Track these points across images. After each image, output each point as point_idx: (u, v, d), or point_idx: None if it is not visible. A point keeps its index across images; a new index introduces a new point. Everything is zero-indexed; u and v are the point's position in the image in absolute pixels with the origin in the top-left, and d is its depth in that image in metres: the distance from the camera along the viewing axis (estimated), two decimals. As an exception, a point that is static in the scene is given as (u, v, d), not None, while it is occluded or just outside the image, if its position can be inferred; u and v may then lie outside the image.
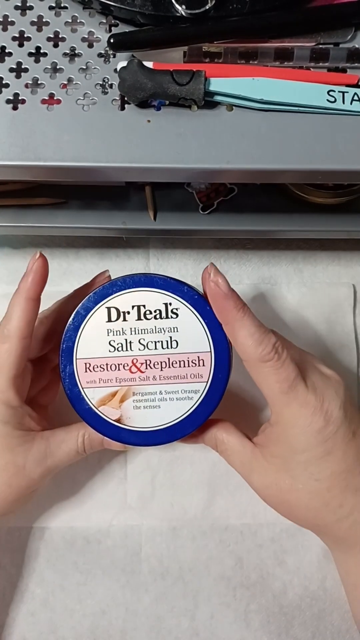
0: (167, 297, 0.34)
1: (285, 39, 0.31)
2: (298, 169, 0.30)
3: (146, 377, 0.34)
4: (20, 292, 0.34)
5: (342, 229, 0.42)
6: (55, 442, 0.36)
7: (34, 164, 0.29)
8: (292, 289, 0.46)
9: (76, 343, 0.34)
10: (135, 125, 0.30)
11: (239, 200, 0.42)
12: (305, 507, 0.33)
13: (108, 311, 0.35)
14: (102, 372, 0.34)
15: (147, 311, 0.34)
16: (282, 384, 0.32)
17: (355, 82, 0.31)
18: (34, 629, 0.41)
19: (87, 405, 0.34)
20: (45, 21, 0.31)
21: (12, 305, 0.34)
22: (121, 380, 0.34)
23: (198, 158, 0.29)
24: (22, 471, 0.35)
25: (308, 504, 0.33)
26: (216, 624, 0.42)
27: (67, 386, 0.34)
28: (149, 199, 0.41)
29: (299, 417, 0.32)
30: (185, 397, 0.34)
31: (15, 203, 0.41)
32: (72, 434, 0.36)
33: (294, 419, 0.32)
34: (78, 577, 0.42)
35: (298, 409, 0.32)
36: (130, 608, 0.42)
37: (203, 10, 0.30)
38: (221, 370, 0.34)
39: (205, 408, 0.34)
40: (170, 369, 0.34)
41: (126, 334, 0.34)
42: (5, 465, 0.35)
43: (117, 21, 0.31)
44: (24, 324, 0.34)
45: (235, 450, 0.36)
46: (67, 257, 0.47)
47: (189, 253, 0.48)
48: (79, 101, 0.30)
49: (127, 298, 0.35)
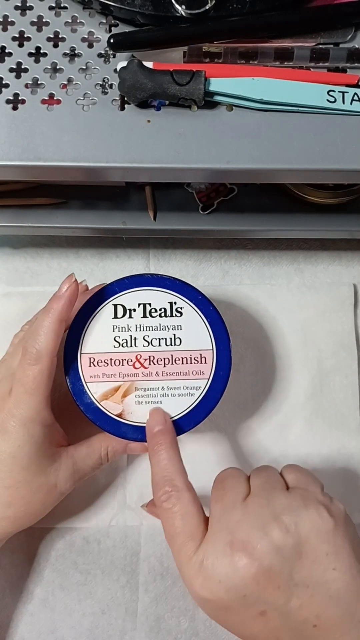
0: (172, 296, 0.35)
1: (285, 39, 0.31)
2: (298, 169, 0.30)
3: (149, 372, 0.35)
4: (52, 313, 0.34)
5: (343, 228, 0.42)
6: (80, 458, 0.37)
7: (34, 164, 0.29)
8: (293, 289, 0.46)
9: (82, 338, 0.35)
10: (135, 125, 0.30)
11: (239, 200, 0.42)
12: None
13: (115, 308, 0.35)
14: (105, 367, 0.35)
15: (152, 309, 0.35)
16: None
17: (355, 82, 0.31)
18: (33, 629, 0.41)
19: (89, 399, 0.35)
20: (45, 21, 0.31)
21: (42, 326, 0.34)
22: (124, 376, 0.35)
23: (198, 158, 0.29)
24: (54, 489, 0.36)
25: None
26: (216, 624, 0.41)
27: (70, 380, 0.35)
28: (149, 199, 0.41)
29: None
30: (186, 394, 0.35)
31: (15, 203, 0.41)
32: (94, 448, 0.37)
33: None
34: (78, 577, 0.42)
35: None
36: (130, 608, 0.42)
37: (203, 10, 0.30)
38: (222, 368, 0.35)
39: (206, 405, 0.35)
40: (173, 365, 0.35)
41: (131, 330, 0.35)
42: (40, 487, 0.36)
43: (117, 21, 0.31)
44: (54, 344, 0.34)
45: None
46: (67, 257, 0.47)
47: (189, 253, 0.48)
48: (79, 101, 0.30)
49: (134, 296, 0.36)
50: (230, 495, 0.31)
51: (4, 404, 0.34)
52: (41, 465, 0.35)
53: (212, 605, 0.30)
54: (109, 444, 0.38)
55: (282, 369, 0.45)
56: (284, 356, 0.45)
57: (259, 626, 0.29)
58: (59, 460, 0.36)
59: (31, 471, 0.35)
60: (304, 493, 0.31)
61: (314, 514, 0.29)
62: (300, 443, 0.44)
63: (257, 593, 0.28)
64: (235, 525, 0.29)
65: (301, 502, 0.30)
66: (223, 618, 0.30)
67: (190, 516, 0.31)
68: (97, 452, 0.37)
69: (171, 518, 0.31)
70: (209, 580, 0.29)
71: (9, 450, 0.34)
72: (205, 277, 0.47)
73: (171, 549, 0.31)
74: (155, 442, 0.33)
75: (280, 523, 0.29)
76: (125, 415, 0.35)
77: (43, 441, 0.35)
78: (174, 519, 0.31)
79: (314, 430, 0.44)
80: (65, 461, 0.37)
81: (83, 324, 0.35)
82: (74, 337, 0.35)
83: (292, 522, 0.29)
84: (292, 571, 0.28)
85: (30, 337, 0.34)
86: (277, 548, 0.28)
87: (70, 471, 0.37)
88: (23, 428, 0.34)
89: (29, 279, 0.47)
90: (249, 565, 0.28)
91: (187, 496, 0.31)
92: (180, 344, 0.35)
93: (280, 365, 0.45)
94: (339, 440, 0.44)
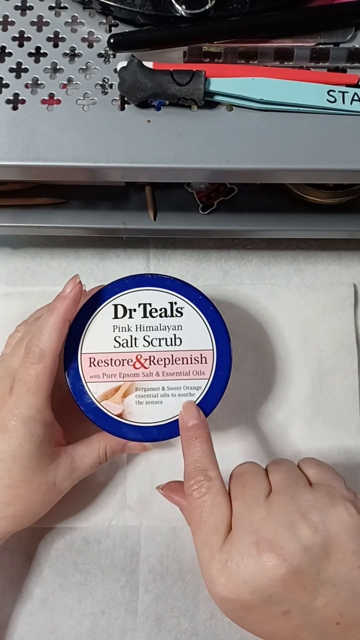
0: (172, 296, 0.35)
1: (285, 39, 0.31)
2: (298, 169, 0.30)
3: (149, 372, 0.35)
4: (56, 313, 0.34)
5: (343, 228, 0.42)
6: (79, 457, 0.37)
7: (34, 164, 0.29)
8: (293, 289, 0.46)
9: (82, 338, 0.35)
10: (135, 125, 0.30)
11: (239, 200, 0.42)
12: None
13: (115, 308, 0.35)
14: (106, 367, 0.35)
15: (152, 309, 0.35)
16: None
17: (355, 82, 0.31)
18: (33, 629, 0.41)
19: (90, 399, 0.35)
20: (45, 21, 0.31)
21: (46, 326, 0.34)
22: (125, 376, 0.35)
23: (198, 158, 0.29)
24: (53, 488, 0.36)
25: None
26: (216, 624, 0.42)
27: (70, 380, 0.35)
28: (149, 199, 0.41)
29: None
30: (187, 394, 0.35)
31: (15, 203, 0.41)
32: (93, 447, 0.38)
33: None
34: (78, 577, 0.42)
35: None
36: (130, 608, 0.42)
37: (203, 10, 0.30)
38: (222, 368, 0.35)
39: (206, 405, 0.35)
40: (174, 365, 0.35)
41: (132, 330, 0.35)
42: (39, 486, 0.36)
43: (117, 21, 0.31)
44: (57, 343, 0.34)
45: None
46: (67, 257, 0.47)
47: (189, 253, 0.48)
48: (79, 101, 0.30)
49: (134, 296, 0.36)
50: (251, 492, 0.30)
51: (4, 403, 0.34)
52: (40, 464, 0.35)
53: (233, 606, 0.29)
54: (107, 443, 0.38)
55: (282, 369, 0.45)
56: (284, 356, 0.45)
57: (280, 624, 0.29)
58: (58, 459, 0.36)
59: (30, 470, 0.35)
60: (329, 489, 0.30)
61: (342, 512, 0.29)
62: (300, 443, 0.44)
63: (283, 594, 0.28)
64: (260, 524, 0.29)
65: (328, 499, 0.29)
66: (242, 617, 0.30)
67: (218, 507, 0.30)
68: (95, 451, 0.38)
69: (199, 507, 0.30)
70: (233, 580, 0.28)
71: (9, 449, 0.34)
72: (205, 277, 0.47)
73: (194, 539, 0.31)
74: (190, 436, 0.33)
75: (308, 521, 0.28)
76: (126, 415, 0.35)
77: (43, 440, 0.35)
78: (202, 508, 0.30)
79: (314, 430, 0.44)
80: (64, 460, 0.37)
81: (83, 324, 0.35)
82: (75, 337, 0.35)
83: (320, 521, 0.28)
84: (319, 570, 0.28)
85: (34, 336, 0.34)
86: (306, 548, 0.28)
87: (69, 470, 0.37)
88: (24, 427, 0.34)
89: (29, 279, 0.47)
90: (277, 566, 0.28)
91: (218, 487, 0.31)
92: (181, 344, 0.35)
93: (280, 365, 0.45)
94: (339, 440, 0.44)
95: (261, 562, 0.28)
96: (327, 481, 0.31)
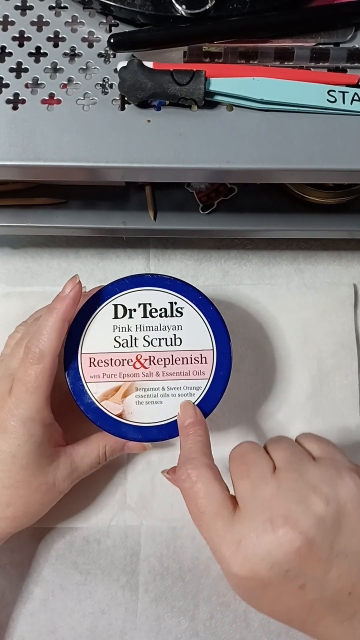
0: (172, 296, 0.36)
1: (285, 39, 0.31)
2: (298, 169, 0.30)
3: (149, 372, 0.35)
4: (56, 313, 0.34)
5: (343, 228, 0.42)
6: (78, 457, 0.37)
7: (34, 164, 0.29)
8: (293, 289, 0.46)
9: (82, 338, 0.35)
10: (135, 125, 0.30)
11: (239, 200, 0.42)
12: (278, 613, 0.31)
13: (115, 308, 0.36)
14: (106, 367, 0.35)
15: (152, 309, 0.35)
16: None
17: (355, 82, 0.31)
18: (33, 629, 0.41)
19: (90, 399, 0.35)
20: (45, 21, 0.31)
21: (45, 326, 0.34)
22: (125, 376, 0.35)
23: (198, 158, 0.29)
24: (53, 488, 0.36)
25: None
26: (216, 624, 0.42)
27: (70, 380, 0.35)
28: (149, 199, 0.41)
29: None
30: (187, 394, 0.35)
31: (15, 203, 0.41)
32: (92, 447, 0.38)
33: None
34: (78, 577, 0.42)
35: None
36: (130, 608, 0.42)
37: (203, 10, 0.30)
38: (222, 368, 0.35)
39: (207, 405, 0.35)
40: (174, 365, 0.35)
41: (132, 330, 0.35)
42: (39, 486, 0.36)
43: (117, 21, 0.31)
44: (57, 343, 0.34)
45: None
46: (67, 257, 0.47)
47: (189, 253, 0.48)
48: (79, 101, 0.30)
49: (134, 296, 0.36)
50: (256, 470, 0.30)
51: (3, 404, 0.34)
52: (40, 465, 0.35)
53: (250, 585, 0.29)
54: (107, 443, 0.38)
55: (282, 369, 0.45)
56: (284, 356, 0.45)
57: (296, 600, 0.29)
58: (58, 459, 0.36)
59: (30, 470, 0.35)
60: (333, 462, 0.30)
61: (350, 482, 0.29)
62: (300, 443, 0.44)
63: (299, 567, 0.28)
64: (271, 500, 0.29)
65: (334, 471, 0.30)
66: (258, 596, 0.30)
67: (213, 494, 0.30)
68: (95, 451, 0.38)
69: (194, 498, 0.30)
70: (250, 558, 0.28)
71: (9, 450, 0.34)
72: (205, 277, 0.47)
73: (199, 530, 0.30)
74: (186, 433, 0.33)
75: (319, 494, 0.28)
76: (126, 415, 0.35)
77: (42, 441, 0.35)
78: (197, 499, 0.30)
79: (314, 430, 0.44)
80: (63, 460, 0.37)
81: (83, 324, 0.35)
82: (74, 337, 0.35)
83: (331, 492, 0.29)
84: (333, 542, 0.28)
85: (33, 336, 0.34)
86: (320, 520, 0.28)
87: (69, 470, 0.37)
88: (23, 427, 0.34)
89: (29, 279, 0.47)
90: (294, 539, 0.28)
91: (208, 475, 0.30)
92: (181, 344, 0.35)
93: (280, 365, 0.45)
94: (339, 440, 0.44)
95: (277, 538, 0.28)
96: (330, 454, 0.31)
